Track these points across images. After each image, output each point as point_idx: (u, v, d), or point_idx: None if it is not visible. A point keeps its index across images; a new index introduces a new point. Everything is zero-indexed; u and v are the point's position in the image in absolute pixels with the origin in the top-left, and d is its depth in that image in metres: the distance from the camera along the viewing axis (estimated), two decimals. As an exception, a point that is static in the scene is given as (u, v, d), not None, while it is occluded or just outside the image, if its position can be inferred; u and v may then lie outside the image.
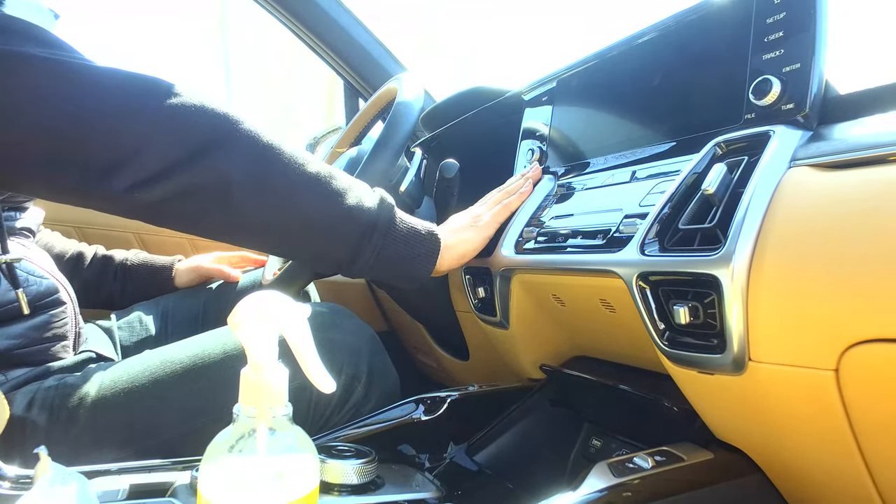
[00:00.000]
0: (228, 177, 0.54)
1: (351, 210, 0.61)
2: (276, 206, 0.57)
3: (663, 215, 0.52)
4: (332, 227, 0.60)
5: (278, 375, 0.39)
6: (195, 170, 0.53)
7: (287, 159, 0.58)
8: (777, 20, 0.52)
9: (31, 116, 0.49)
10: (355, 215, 0.61)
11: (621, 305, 0.58)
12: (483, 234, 0.72)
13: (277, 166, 0.57)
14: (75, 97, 0.50)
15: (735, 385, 0.46)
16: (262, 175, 0.56)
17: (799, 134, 0.48)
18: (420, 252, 0.65)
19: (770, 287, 0.42)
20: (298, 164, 0.59)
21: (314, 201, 0.59)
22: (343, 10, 1.30)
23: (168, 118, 0.52)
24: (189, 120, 0.53)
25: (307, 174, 0.59)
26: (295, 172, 0.58)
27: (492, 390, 0.73)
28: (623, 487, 0.46)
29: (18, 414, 0.61)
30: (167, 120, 0.52)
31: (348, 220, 0.61)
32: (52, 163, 0.50)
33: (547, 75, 0.84)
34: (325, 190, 0.60)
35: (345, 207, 0.61)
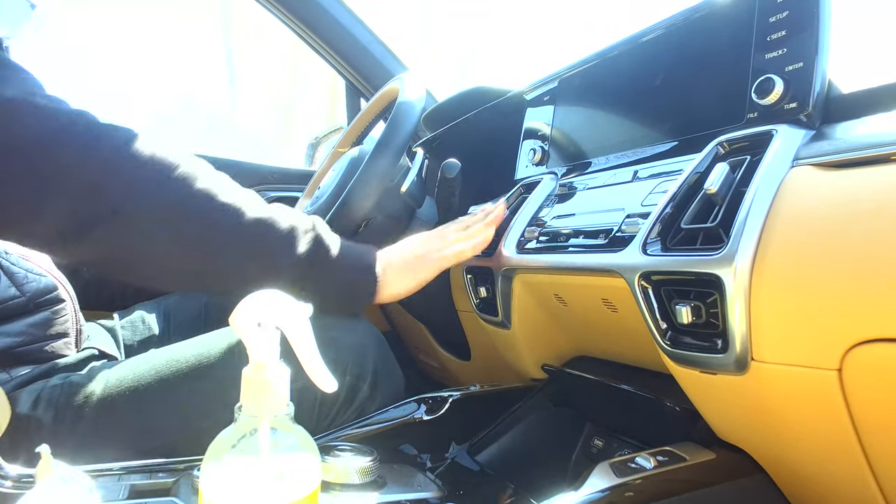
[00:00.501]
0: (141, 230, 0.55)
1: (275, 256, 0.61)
2: (195, 255, 0.59)
3: (665, 215, 0.52)
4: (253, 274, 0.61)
5: (279, 375, 0.39)
6: (112, 225, 0.54)
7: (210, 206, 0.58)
8: (780, 19, 0.52)
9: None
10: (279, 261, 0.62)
11: (623, 305, 0.58)
12: (427, 276, 0.71)
13: (194, 218, 0.58)
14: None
15: (737, 385, 0.46)
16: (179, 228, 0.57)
17: (802, 133, 0.48)
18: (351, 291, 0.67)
19: (773, 286, 0.42)
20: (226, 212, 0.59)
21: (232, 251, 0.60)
22: (345, 9, 1.30)
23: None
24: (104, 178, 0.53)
25: (233, 225, 0.59)
26: (221, 222, 0.59)
27: (493, 390, 0.73)
28: (625, 487, 0.46)
29: (24, 412, 0.61)
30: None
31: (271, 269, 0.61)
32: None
33: (549, 75, 0.84)
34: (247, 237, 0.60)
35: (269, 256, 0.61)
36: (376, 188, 0.79)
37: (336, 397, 0.66)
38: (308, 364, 0.40)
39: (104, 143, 0.54)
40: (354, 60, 1.32)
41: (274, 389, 0.38)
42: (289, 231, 0.63)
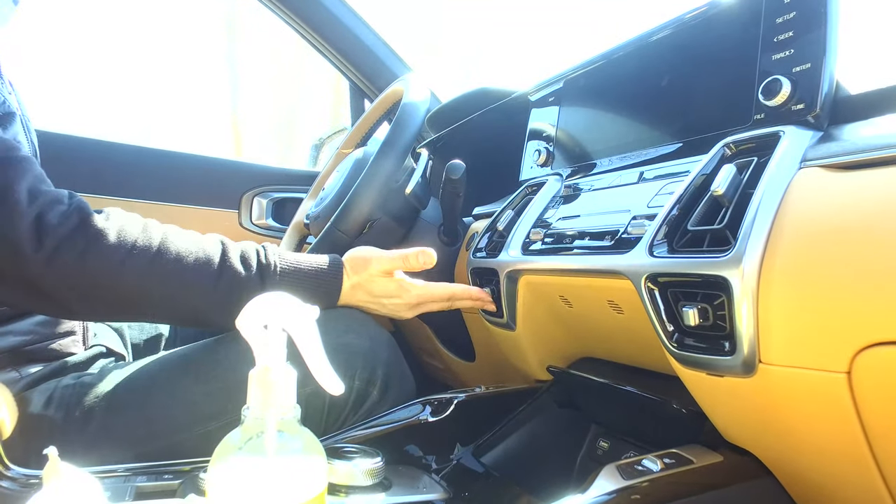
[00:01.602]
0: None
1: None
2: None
3: (672, 216, 0.52)
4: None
5: (286, 377, 0.39)
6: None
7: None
8: (787, 20, 0.51)
9: None
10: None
11: (629, 307, 0.57)
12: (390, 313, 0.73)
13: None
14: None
15: (745, 387, 0.45)
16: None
17: (809, 134, 0.48)
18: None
19: (781, 288, 0.42)
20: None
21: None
22: (348, 10, 1.30)
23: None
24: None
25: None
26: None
27: (498, 392, 0.73)
28: (632, 490, 0.46)
29: (36, 412, 0.61)
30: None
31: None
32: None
33: (554, 76, 0.84)
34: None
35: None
36: (381, 189, 0.79)
37: (345, 402, 0.66)
38: (314, 367, 0.40)
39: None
40: (358, 61, 1.32)
41: (280, 392, 0.39)
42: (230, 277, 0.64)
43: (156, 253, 0.61)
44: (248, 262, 0.66)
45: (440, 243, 0.95)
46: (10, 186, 0.56)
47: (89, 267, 0.58)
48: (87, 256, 0.58)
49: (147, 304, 0.63)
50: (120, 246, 0.59)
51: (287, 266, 0.67)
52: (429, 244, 0.96)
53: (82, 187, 1.29)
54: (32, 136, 0.74)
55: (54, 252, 0.56)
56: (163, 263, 0.61)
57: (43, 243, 0.56)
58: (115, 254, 0.59)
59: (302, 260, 0.70)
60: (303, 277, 0.68)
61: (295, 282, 0.67)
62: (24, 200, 0.56)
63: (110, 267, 0.59)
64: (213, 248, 0.65)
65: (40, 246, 0.56)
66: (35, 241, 0.55)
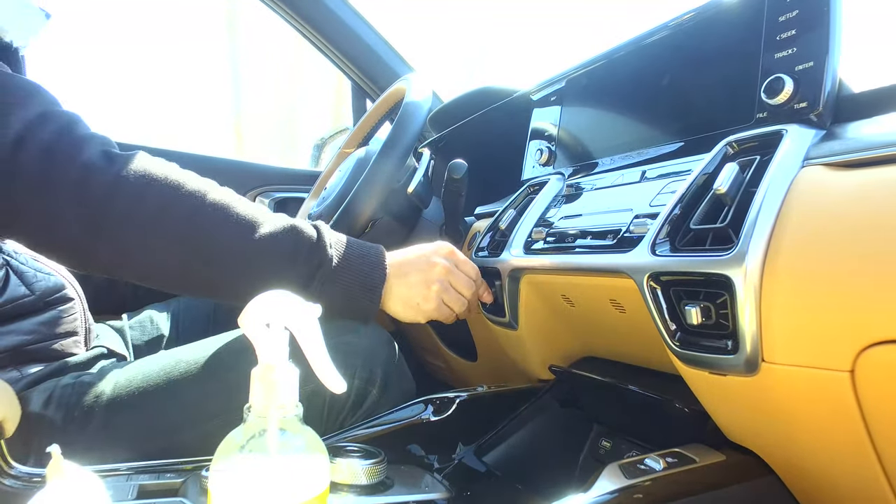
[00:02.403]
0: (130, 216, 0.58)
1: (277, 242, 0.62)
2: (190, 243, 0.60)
3: (674, 215, 0.52)
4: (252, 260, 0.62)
5: (288, 375, 0.39)
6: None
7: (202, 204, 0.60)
8: (789, 18, 0.51)
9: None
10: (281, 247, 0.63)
11: (631, 306, 0.57)
12: (417, 315, 0.69)
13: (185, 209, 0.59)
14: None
15: (748, 386, 0.45)
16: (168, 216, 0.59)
17: (812, 133, 0.48)
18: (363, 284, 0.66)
19: (784, 287, 0.42)
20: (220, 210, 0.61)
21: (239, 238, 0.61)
22: (350, 10, 1.30)
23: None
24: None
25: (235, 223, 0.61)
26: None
27: (501, 391, 0.73)
28: (635, 489, 0.46)
29: (35, 411, 0.61)
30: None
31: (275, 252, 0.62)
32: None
33: (556, 75, 0.84)
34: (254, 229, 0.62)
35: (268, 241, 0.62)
36: (382, 189, 0.79)
37: (345, 401, 0.66)
38: (317, 365, 0.40)
39: (98, 177, 0.57)
40: (360, 61, 1.32)
41: (282, 390, 0.39)
42: (293, 242, 0.63)
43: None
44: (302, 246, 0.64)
45: (442, 243, 0.95)
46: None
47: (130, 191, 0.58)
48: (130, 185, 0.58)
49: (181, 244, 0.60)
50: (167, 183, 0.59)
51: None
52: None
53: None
54: None
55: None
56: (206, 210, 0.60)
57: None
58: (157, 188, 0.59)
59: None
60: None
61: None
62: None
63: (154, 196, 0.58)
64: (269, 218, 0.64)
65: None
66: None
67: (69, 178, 0.56)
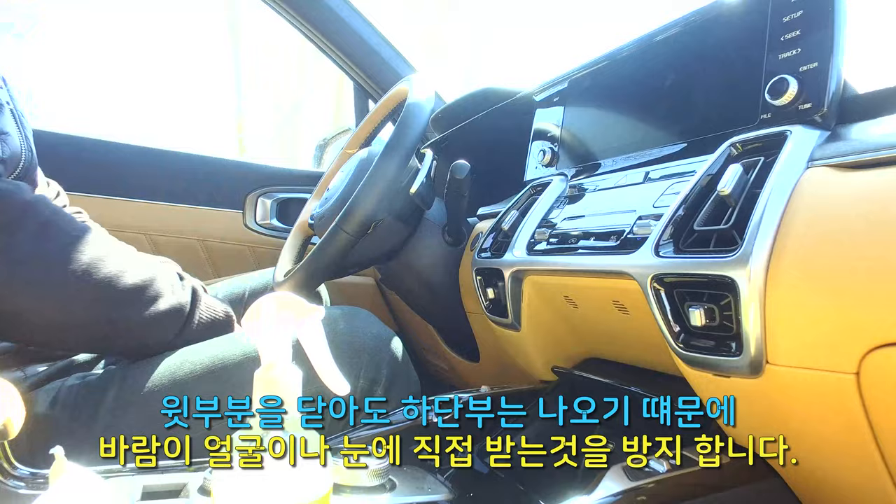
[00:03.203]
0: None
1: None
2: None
3: (678, 216, 0.52)
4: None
5: (292, 376, 0.39)
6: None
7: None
8: (793, 19, 0.51)
9: None
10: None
11: (635, 307, 0.57)
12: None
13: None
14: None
15: (752, 388, 0.45)
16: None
17: (816, 134, 0.48)
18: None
19: (788, 289, 0.42)
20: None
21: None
22: (353, 11, 1.30)
23: None
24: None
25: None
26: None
27: (503, 392, 0.73)
28: (638, 491, 0.46)
29: (42, 412, 0.61)
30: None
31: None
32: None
33: (558, 76, 0.84)
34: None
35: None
36: (385, 190, 0.79)
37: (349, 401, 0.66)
38: (320, 366, 0.40)
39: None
40: (363, 62, 1.32)
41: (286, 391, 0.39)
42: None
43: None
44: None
45: (444, 243, 0.95)
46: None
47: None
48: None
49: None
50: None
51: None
52: (433, 244, 0.96)
53: (86, 188, 1.30)
54: (27, 131, 0.74)
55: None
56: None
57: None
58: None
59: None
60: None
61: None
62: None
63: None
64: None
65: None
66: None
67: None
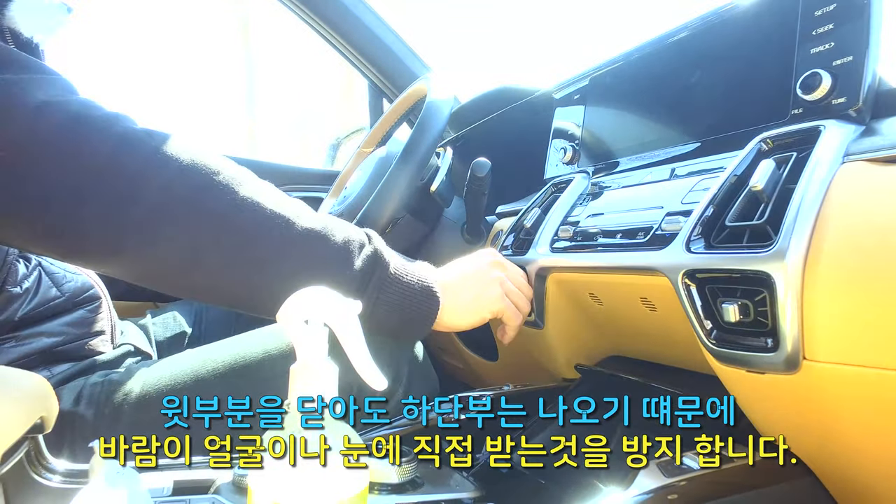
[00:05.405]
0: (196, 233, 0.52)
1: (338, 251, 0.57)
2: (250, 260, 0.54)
3: (709, 212, 0.51)
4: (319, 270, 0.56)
5: (328, 372, 0.39)
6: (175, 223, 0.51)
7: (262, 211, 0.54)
8: (826, 12, 0.51)
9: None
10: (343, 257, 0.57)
11: (663, 304, 0.57)
12: (480, 321, 0.65)
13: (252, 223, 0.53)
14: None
15: (787, 384, 0.45)
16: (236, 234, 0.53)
17: (851, 128, 0.47)
18: (415, 315, 0.60)
19: (827, 284, 0.41)
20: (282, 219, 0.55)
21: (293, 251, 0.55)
22: (367, 8, 1.30)
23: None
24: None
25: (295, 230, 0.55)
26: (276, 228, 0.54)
27: (527, 389, 0.73)
28: (673, 488, 0.45)
29: (67, 408, 0.61)
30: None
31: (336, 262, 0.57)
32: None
33: (579, 73, 0.84)
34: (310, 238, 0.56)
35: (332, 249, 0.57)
36: (406, 188, 0.79)
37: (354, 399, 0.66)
38: (358, 362, 0.40)
39: (137, 149, 0.50)
40: (377, 60, 1.32)
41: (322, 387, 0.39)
42: (343, 244, 0.57)
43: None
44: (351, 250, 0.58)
45: (463, 242, 0.95)
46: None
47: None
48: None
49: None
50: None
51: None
52: (452, 243, 0.96)
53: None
54: None
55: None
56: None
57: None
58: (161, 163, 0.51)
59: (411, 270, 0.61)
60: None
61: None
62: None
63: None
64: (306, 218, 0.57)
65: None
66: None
67: (101, 150, 0.49)
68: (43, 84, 0.51)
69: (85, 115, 0.50)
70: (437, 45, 1.43)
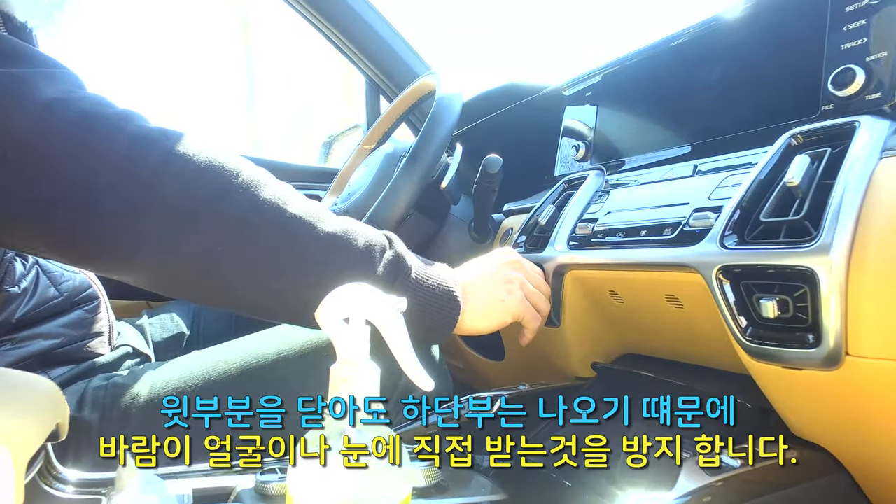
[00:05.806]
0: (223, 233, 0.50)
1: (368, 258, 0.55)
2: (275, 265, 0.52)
3: (741, 208, 0.51)
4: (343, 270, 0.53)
5: (370, 373, 0.37)
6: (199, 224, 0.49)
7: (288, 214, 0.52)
8: (858, 8, 0.51)
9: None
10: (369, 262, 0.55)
11: (690, 301, 0.56)
12: (501, 324, 0.63)
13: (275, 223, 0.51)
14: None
15: (826, 381, 0.44)
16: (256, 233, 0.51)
17: (887, 124, 0.47)
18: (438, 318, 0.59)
19: (872, 278, 0.41)
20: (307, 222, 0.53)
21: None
22: (366, 4, 1.28)
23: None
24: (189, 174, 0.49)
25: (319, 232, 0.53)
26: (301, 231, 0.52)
27: (543, 389, 0.72)
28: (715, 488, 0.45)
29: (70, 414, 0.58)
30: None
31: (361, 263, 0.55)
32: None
33: (591, 70, 0.83)
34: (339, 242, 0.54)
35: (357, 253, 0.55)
36: (419, 184, 0.77)
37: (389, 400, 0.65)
38: (405, 362, 0.38)
39: (152, 149, 0.48)
40: (376, 57, 1.30)
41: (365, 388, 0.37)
42: (366, 248, 0.55)
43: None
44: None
45: (471, 240, 0.94)
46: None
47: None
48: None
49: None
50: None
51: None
52: (460, 240, 0.95)
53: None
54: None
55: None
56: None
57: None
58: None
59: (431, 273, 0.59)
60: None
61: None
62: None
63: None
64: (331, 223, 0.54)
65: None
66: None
67: (115, 150, 0.46)
68: (51, 79, 0.48)
69: (96, 113, 0.47)
70: (436, 46, 1.42)
